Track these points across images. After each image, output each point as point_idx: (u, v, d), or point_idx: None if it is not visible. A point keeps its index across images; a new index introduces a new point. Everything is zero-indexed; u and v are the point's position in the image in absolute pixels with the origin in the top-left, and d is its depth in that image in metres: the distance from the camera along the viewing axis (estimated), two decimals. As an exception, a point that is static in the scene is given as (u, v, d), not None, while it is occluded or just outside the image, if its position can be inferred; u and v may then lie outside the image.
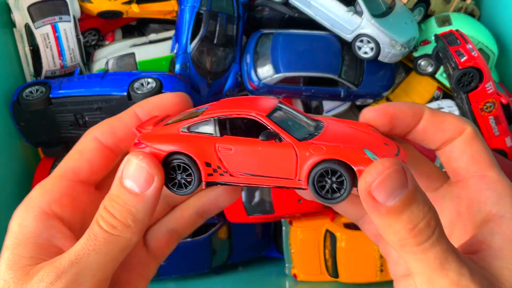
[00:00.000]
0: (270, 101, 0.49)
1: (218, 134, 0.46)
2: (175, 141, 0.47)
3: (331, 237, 1.40)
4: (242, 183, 0.46)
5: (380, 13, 1.44)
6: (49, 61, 1.45)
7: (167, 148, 0.46)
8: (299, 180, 0.44)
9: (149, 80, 1.35)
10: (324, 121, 0.48)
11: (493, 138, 1.44)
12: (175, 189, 0.47)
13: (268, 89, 1.51)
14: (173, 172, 0.47)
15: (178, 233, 0.55)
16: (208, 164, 0.46)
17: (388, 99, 1.65)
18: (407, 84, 1.65)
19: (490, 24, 1.60)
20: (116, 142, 0.51)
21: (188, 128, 0.47)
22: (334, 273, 1.40)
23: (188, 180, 0.47)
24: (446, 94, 1.61)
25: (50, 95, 1.34)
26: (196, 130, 0.47)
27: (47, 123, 1.38)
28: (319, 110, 1.63)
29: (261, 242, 1.57)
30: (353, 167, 0.41)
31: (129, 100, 1.34)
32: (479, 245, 0.41)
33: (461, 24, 1.53)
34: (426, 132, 0.47)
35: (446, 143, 0.47)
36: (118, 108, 1.39)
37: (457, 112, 1.48)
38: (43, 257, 0.44)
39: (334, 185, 0.43)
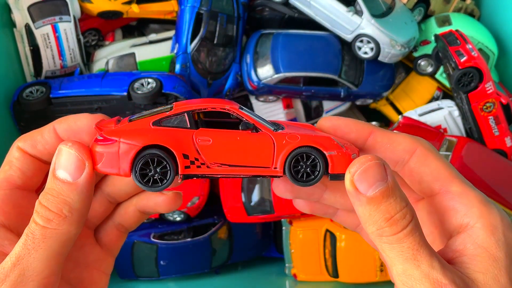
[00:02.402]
0: (230, 102, 0.51)
1: (194, 127, 0.47)
2: (148, 134, 0.46)
3: (331, 237, 1.40)
4: (219, 174, 0.47)
5: (380, 13, 1.44)
6: (49, 61, 1.45)
7: (141, 141, 0.45)
8: (275, 168, 0.47)
9: (149, 80, 1.35)
10: (282, 123, 0.51)
11: (493, 138, 1.44)
12: (148, 186, 0.46)
13: (268, 89, 1.51)
14: (145, 167, 0.46)
15: (125, 227, 0.56)
16: (185, 156, 0.46)
17: (388, 99, 1.65)
18: (407, 84, 1.65)
19: (490, 24, 1.61)
20: (37, 154, 0.50)
21: (160, 122, 0.47)
22: (334, 273, 1.40)
23: (162, 174, 0.46)
24: (446, 94, 1.61)
25: (50, 95, 1.34)
26: (169, 124, 0.47)
27: (47, 123, 1.38)
28: (319, 110, 1.63)
29: (261, 242, 1.57)
30: (324, 152, 0.47)
31: (129, 100, 1.34)
32: (453, 254, 0.45)
33: (461, 24, 1.53)
34: (376, 151, 0.49)
35: (401, 165, 0.49)
36: (118, 108, 1.40)
37: (457, 112, 1.48)
38: None
39: (308, 169, 0.47)
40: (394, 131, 0.50)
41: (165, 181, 0.46)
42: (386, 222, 0.42)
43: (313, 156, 0.47)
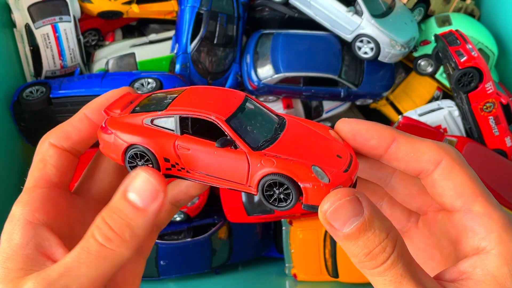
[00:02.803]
0: (237, 96, 0.50)
1: (179, 132, 0.47)
2: (137, 133, 0.48)
3: (331, 237, 1.40)
4: (198, 180, 0.48)
5: (380, 13, 1.44)
6: (49, 61, 1.45)
7: (129, 139, 0.48)
8: (249, 186, 0.46)
9: (149, 80, 1.35)
10: (287, 120, 0.49)
11: (493, 138, 1.44)
12: None
13: (268, 89, 1.51)
14: (133, 160, 0.48)
15: (157, 224, 0.55)
16: (166, 160, 0.48)
17: (388, 99, 1.65)
18: (407, 84, 1.65)
19: (490, 24, 1.61)
20: (72, 145, 0.51)
21: (152, 121, 0.48)
22: (334, 273, 1.40)
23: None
24: (446, 94, 1.61)
25: (50, 95, 1.34)
26: (159, 124, 0.48)
27: (47, 123, 1.38)
28: (319, 110, 1.63)
29: (261, 242, 1.57)
30: (299, 183, 0.44)
31: (129, 100, 1.34)
32: (459, 274, 0.43)
33: (461, 24, 1.53)
34: (398, 160, 0.46)
35: (424, 174, 0.46)
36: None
37: (457, 112, 1.48)
38: (32, 268, 0.43)
39: (282, 195, 0.45)
40: (418, 137, 0.48)
41: None
42: (366, 257, 0.41)
43: (285, 185, 0.44)
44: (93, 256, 0.42)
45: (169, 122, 0.47)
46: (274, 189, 0.45)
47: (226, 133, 0.46)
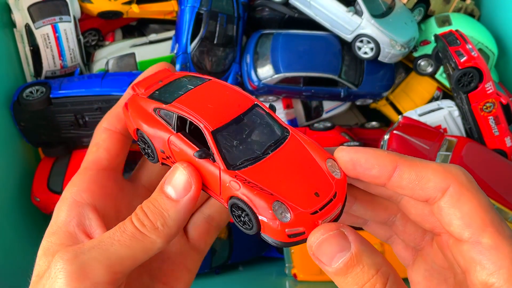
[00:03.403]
0: (242, 103, 0.49)
1: (175, 129, 0.48)
2: (144, 119, 0.50)
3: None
4: None
5: (380, 13, 1.44)
6: (49, 61, 1.45)
7: (136, 124, 0.51)
8: (222, 199, 0.46)
9: (149, 80, 1.35)
10: (289, 138, 0.47)
11: (493, 138, 1.44)
12: (147, 157, 0.52)
13: (268, 89, 1.51)
14: (141, 142, 0.51)
15: (215, 220, 0.55)
16: (162, 151, 0.49)
17: (388, 99, 1.65)
18: (407, 84, 1.65)
19: (490, 24, 1.61)
20: (124, 125, 0.55)
21: (158, 111, 0.50)
22: (334, 273, 1.40)
23: (152, 152, 0.51)
24: (446, 94, 1.61)
25: (50, 95, 1.34)
26: (162, 116, 0.49)
27: (47, 123, 1.38)
28: (319, 110, 1.63)
29: (261, 242, 1.57)
30: (257, 215, 0.43)
31: (129, 100, 1.34)
32: None
33: (461, 24, 1.53)
34: (403, 188, 0.43)
35: (431, 201, 0.43)
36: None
37: (456, 112, 1.48)
38: (72, 244, 0.46)
39: (246, 219, 0.44)
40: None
41: (153, 158, 0.51)
42: None
43: (246, 212, 0.43)
44: (126, 237, 0.44)
45: (170, 116, 0.48)
46: (239, 211, 0.44)
47: (208, 144, 0.45)
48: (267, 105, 0.50)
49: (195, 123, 0.47)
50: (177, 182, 0.45)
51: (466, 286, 0.43)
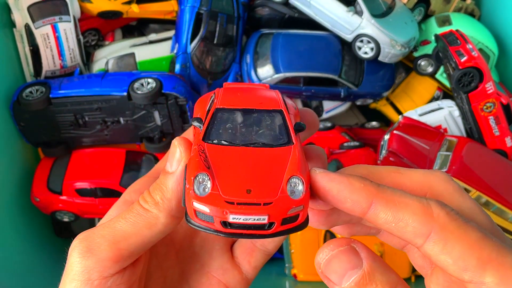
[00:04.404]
0: (271, 104, 0.47)
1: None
2: (199, 114, 0.49)
3: (331, 237, 1.39)
4: None
5: (380, 13, 1.44)
6: (49, 61, 1.45)
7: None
8: None
9: (149, 80, 1.35)
10: (286, 148, 0.44)
11: (493, 138, 1.44)
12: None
13: (268, 89, 1.51)
14: None
15: (259, 241, 0.54)
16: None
17: (388, 99, 1.65)
18: (407, 84, 1.65)
19: (490, 24, 1.60)
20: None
21: (204, 114, 0.49)
22: (334, 273, 1.40)
23: None
24: (446, 94, 1.60)
25: (50, 95, 1.34)
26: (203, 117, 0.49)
27: (47, 123, 1.38)
28: (319, 110, 1.63)
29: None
30: (185, 181, 0.42)
31: (129, 100, 1.34)
32: None
33: (461, 24, 1.53)
34: (380, 227, 0.39)
35: (414, 245, 0.38)
36: (118, 108, 1.40)
37: (457, 112, 1.48)
38: None
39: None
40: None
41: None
42: None
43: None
44: (132, 214, 0.45)
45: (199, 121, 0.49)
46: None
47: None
48: (293, 121, 0.47)
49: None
50: (172, 156, 0.46)
51: None
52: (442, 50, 1.43)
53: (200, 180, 0.40)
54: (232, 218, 0.38)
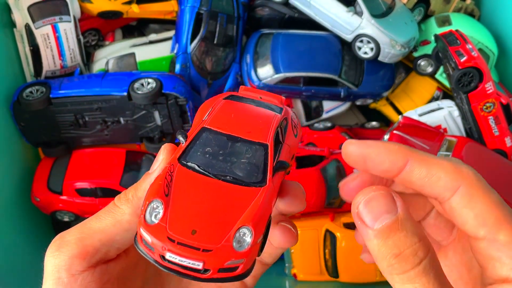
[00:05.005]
0: (258, 136, 0.45)
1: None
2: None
3: (331, 237, 1.40)
4: None
5: (380, 13, 1.44)
6: (49, 61, 1.45)
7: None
8: None
9: (149, 80, 1.35)
10: (255, 189, 0.42)
11: (493, 138, 1.44)
12: None
13: (268, 89, 1.51)
14: None
15: (261, 258, 0.54)
16: None
17: (388, 99, 1.65)
18: (407, 84, 1.65)
19: (490, 24, 1.61)
20: None
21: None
22: (334, 273, 1.40)
23: None
24: (446, 94, 1.61)
25: (50, 95, 1.34)
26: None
27: (47, 123, 1.38)
28: (319, 110, 1.63)
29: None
30: (144, 201, 0.42)
31: (129, 100, 1.34)
32: None
33: (461, 24, 1.53)
34: (412, 183, 0.43)
35: (441, 200, 0.42)
36: (118, 108, 1.40)
37: (456, 112, 1.48)
38: None
39: None
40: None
41: None
42: (395, 258, 0.38)
43: None
44: (103, 211, 0.46)
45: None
46: None
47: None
48: (279, 157, 0.46)
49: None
50: (156, 159, 0.47)
51: (480, 282, 0.43)
52: (442, 50, 1.43)
53: (154, 206, 0.39)
54: (168, 255, 0.38)
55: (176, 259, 0.38)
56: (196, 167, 0.43)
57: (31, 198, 1.41)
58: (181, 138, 0.45)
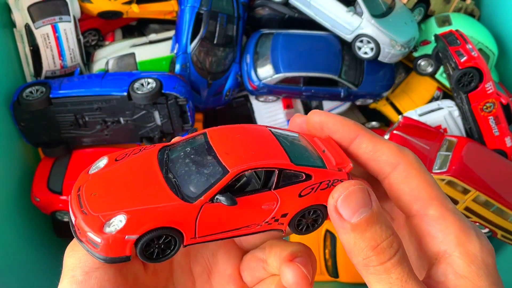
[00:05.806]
0: (226, 162, 0.44)
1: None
2: None
3: (331, 237, 1.40)
4: None
5: (380, 13, 1.44)
6: (49, 61, 1.45)
7: None
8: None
9: (149, 80, 1.35)
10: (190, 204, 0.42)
11: (493, 138, 1.44)
12: None
13: (268, 89, 1.51)
14: None
15: (265, 268, 0.54)
16: None
17: (388, 99, 1.65)
18: (407, 84, 1.65)
19: (490, 24, 1.60)
20: None
21: None
22: (334, 273, 1.40)
23: None
24: (446, 94, 1.61)
25: (50, 95, 1.34)
26: None
27: (47, 123, 1.38)
28: (319, 110, 1.63)
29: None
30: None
31: (129, 100, 1.34)
32: (436, 285, 0.42)
33: (461, 24, 1.53)
34: (359, 156, 0.47)
35: (381, 176, 0.46)
36: (118, 108, 1.40)
37: (457, 112, 1.48)
38: None
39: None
40: (384, 137, 0.47)
41: None
42: (372, 251, 0.40)
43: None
44: None
45: None
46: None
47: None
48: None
49: None
50: None
51: (422, 263, 0.45)
52: (442, 50, 1.43)
53: (111, 222, 0.42)
54: (87, 234, 0.42)
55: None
56: (163, 160, 0.46)
57: (31, 198, 1.41)
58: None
